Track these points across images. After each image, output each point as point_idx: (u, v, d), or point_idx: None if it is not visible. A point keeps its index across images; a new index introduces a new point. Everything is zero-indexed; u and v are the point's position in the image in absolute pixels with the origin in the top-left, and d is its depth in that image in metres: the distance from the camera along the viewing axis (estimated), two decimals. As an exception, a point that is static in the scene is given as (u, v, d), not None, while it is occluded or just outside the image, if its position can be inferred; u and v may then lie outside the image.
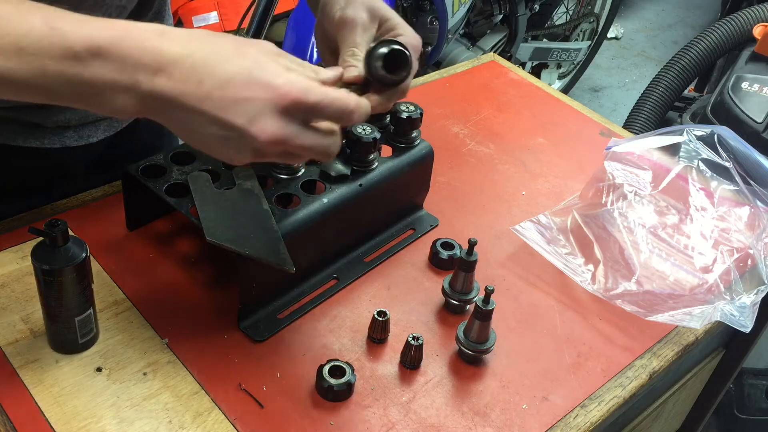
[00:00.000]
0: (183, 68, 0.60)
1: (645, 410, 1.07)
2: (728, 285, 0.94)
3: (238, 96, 0.60)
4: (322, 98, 0.63)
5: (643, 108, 2.16)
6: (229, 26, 2.36)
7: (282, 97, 0.61)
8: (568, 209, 1.03)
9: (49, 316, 0.77)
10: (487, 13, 2.82)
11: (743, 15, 2.10)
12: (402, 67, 0.75)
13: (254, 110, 0.60)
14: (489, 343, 0.84)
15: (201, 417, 0.76)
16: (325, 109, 0.64)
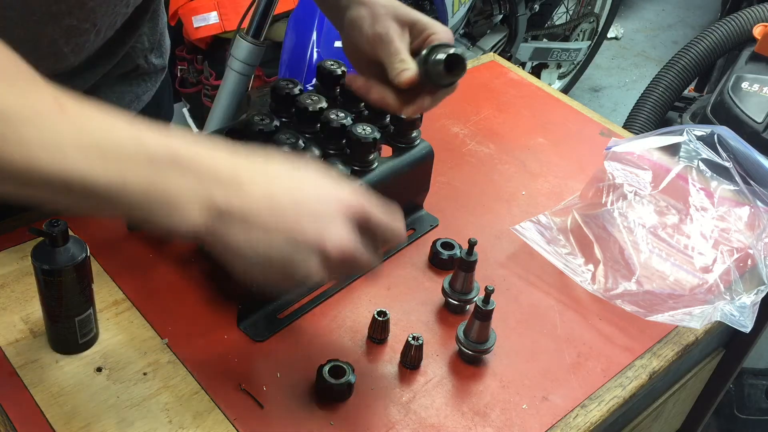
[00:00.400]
0: (256, 185, 0.60)
1: (645, 410, 1.07)
2: (728, 285, 0.94)
3: (308, 208, 0.62)
4: (380, 215, 0.67)
5: (643, 108, 2.16)
6: (229, 26, 2.36)
7: (349, 208, 0.64)
8: (568, 209, 1.03)
9: (49, 316, 0.77)
10: (487, 13, 2.82)
11: (743, 15, 2.10)
12: (459, 69, 0.81)
13: (324, 221, 0.62)
14: (489, 343, 0.84)
15: (201, 417, 0.76)
16: (379, 227, 0.67)
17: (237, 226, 0.59)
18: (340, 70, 0.97)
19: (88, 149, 0.54)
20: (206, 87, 2.55)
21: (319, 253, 0.61)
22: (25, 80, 0.55)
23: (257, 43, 1.64)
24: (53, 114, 0.54)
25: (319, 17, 1.99)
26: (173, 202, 0.57)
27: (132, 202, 0.56)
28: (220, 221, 0.59)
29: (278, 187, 0.61)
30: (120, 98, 0.99)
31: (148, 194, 0.56)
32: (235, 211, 0.59)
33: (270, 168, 0.63)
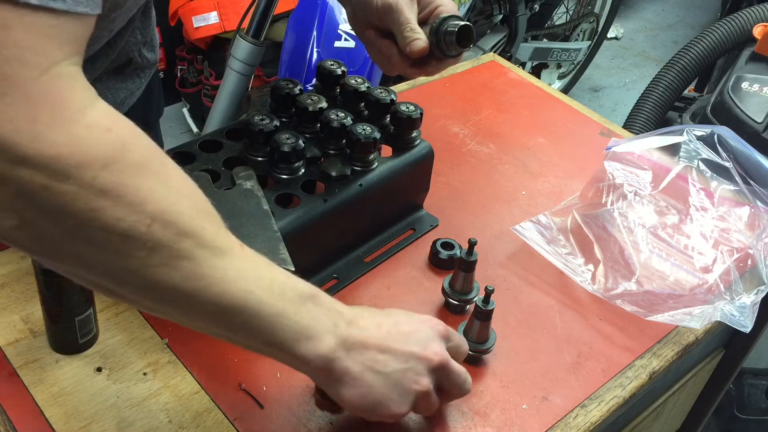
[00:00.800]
0: (365, 319, 0.70)
1: (645, 410, 1.07)
2: (728, 285, 0.94)
3: (409, 329, 0.71)
4: (458, 335, 0.77)
5: (643, 108, 2.16)
6: (229, 26, 2.36)
7: (437, 326, 0.74)
8: (568, 209, 1.03)
9: (49, 316, 0.77)
10: (487, 13, 2.82)
11: (743, 15, 2.10)
12: (468, 40, 0.86)
13: (424, 338, 0.71)
14: (489, 343, 0.84)
15: (201, 417, 0.76)
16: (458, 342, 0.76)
17: (356, 354, 0.67)
18: (340, 70, 0.97)
19: (263, 284, 0.62)
20: (206, 87, 2.56)
21: (425, 365, 0.70)
22: (220, 221, 0.62)
23: (257, 43, 1.64)
24: (240, 251, 0.62)
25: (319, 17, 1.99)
26: (313, 332, 0.65)
27: (285, 331, 0.63)
28: (343, 350, 0.66)
29: (382, 321, 0.71)
30: (115, 94, 0.99)
31: (298, 325, 0.64)
32: (355, 340, 0.67)
33: (370, 310, 0.72)
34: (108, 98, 0.98)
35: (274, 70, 2.29)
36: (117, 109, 0.97)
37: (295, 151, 0.85)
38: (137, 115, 1.10)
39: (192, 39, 2.46)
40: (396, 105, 0.94)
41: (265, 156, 0.88)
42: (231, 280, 0.60)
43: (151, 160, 0.56)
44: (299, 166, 0.87)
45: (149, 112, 1.15)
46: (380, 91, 0.95)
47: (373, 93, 0.95)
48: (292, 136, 0.86)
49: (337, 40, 1.99)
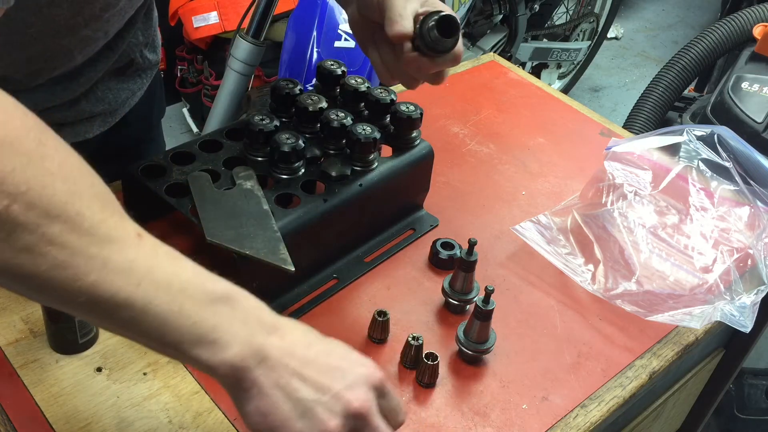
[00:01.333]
0: (294, 333, 0.64)
1: (645, 410, 1.07)
2: (728, 285, 0.94)
3: (339, 364, 0.65)
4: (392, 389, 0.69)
5: (643, 108, 2.16)
6: (229, 26, 2.36)
7: (373, 374, 0.67)
8: (568, 209, 1.03)
9: (49, 316, 0.77)
10: (487, 13, 2.82)
11: (743, 15, 2.10)
12: (452, 32, 0.81)
13: (352, 378, 0.65)
14: (489, 343, 0.84)
15: (201, 417, 0.76)
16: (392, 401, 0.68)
17: (271, 367, 0.62)
18: (340, 70, 0.97)
19: (158, 279, 0.57)
20: (206, 87, 2.56)
21: (342, 405, 0.64)
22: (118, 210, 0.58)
23: (257, 43, 1.64)
24: (135, 242, 0.57)
25: (319, 17, 1.99)
26: (219, 335, 0.60)
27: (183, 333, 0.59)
28: (255, 360, 0.61)
29: (313, 339, 0.66)
30: (116, 95, 0.99)
31: (199, 327, 0.59)
32: (273, 351, 0.62)
33: (306, 328, 0.67)
34: (109, 98, 0.98)
35: (274, 70, 2.29)
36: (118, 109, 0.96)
37: (295, 151, 0.85)
38: (140, 115, 1.10)
39: (192, 39, 2.46)
40: (396, 105, 0.94)
41: (265, 156, 0.88)
42: (112, 272, 0.55)
43: (21, 139, 0.53)
44: (299, 166, 0.87)
45: (151, 112, 1.15)
46: (380, 91, 0.95)
47: (373, 93, 0.95)
48: (292, 136, 0.86)
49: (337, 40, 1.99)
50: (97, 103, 0.97)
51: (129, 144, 1.09)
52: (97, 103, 0.97)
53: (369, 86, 0.96)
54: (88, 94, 0.95)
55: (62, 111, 0.92)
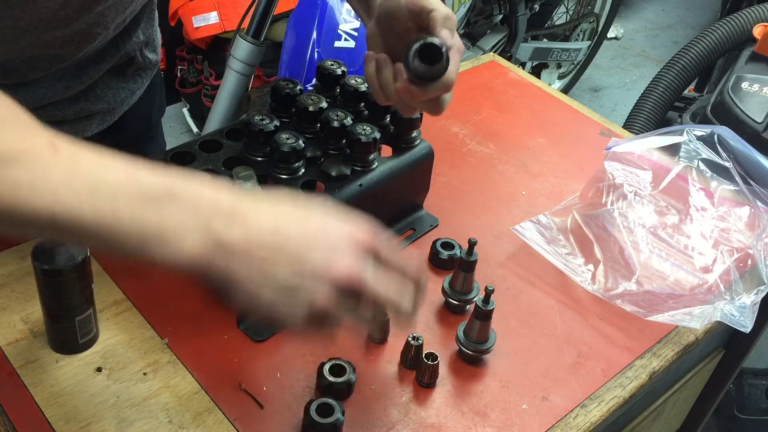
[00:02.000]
0: (260, 217, 0.59)
1: (645, 410, 1.07)
2: (728, 285, 0.94)
3: (315, 232, 0.60)
4: (391, 246, 0.64)
5: (643, 108, 2.16)
6: (229, 26, 2.36)
7: (359, 235, 0.61)
8: (568, 209, 1.03)
9: (49, 316, 0.77)
10: (487, 13, 2.82)
11: (743, 15, 2.10)
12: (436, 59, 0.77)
13: (332, 249, 0.60)
14: (489, 343, 0.84)
15: (201, 417, 0.76)
16: (392, 260, 0.63)
17: (239, 259, 0.58)
18: (340, 70, 0.97)
19: (79, 187, 0.54)
20: (206, 87, 2.55)
21: (326, 281, 0.59)
22: (22, 125, 0.56)
23: (257, 43, 1.64)
24: (46, 155, 0.54)
25: (319, 17, 1.99)
26: (168, 234, 0.56)
27: (125, 237, 0.56)
28: (220, 253, 0.57)
29: (284, 219, 0.60)
30: (116, 94, 0.99)
31: (141, 228, 0.56)
32: (236, 242, 0.58)
33: (275, 202, 0.61)
34: (108, 97, 0.98)
35: (274, 70, 2.29)
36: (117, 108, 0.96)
37: (295, 151, 0.85)
38: (139, 114, 1.09)
39: (192, 39, 2.46)
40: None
41: (265, 156, 0.88)
42: (25, 191, 0.53)
43: None
44: (299, 166, 0.87)
45: (151, 112, 1.15)
46: (380, 91, 0.95)
47: (373, 93, 0.95)
48: (292, 136, 0.86)
49: (337, 40, 1.99)
50: (96, 101, 0.97)
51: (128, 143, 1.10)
52: (97, 102, 0.97)
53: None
54: (87, 92, 0.95)
55: (62, 108, 0.93)
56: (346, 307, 0.61)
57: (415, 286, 0.64)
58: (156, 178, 0.57)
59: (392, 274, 0.63)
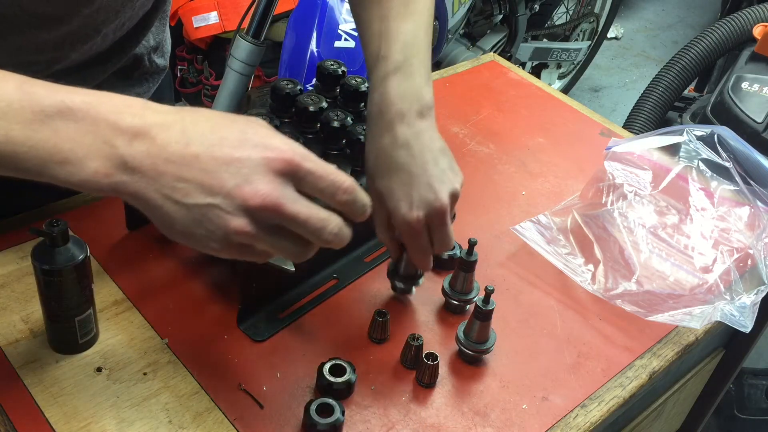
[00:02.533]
0: (168, 132, 0.56)
1: (645, 410, 1.07)
2: (728, 285, 0.94)
3: (229, 156, 0.56)
4: (318, 167, 0.60)
5: (643, 108, 2.16)
6: (229, 26, 2.36)
7: (276, 158, 0.58)
8: (568, 209, 1.03)
9: (49, 316, 0.77)
10: (487, 13, 2.82)
11: (743, 15, 2.10)
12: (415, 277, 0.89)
13: (246, 170, 0.56)
14: (489, 343, 0.84)
15: (201, 417, 0.76)
16: (319, 180, 0.60)
17: (146, 176, 0.55)
18: (340, 70, 0.97)
19: None
20: (206, 87, 2.55)
21: (238, 202, 0.56)
22: None
23: (257, 43, 1.64)
24: None
25: (319, 17, 1.99)
26: (66, 155, 0.54)
27: (24, 160, 0.53)
28: (126, 173, 0.55)
29: (195, 134, 0.56)
30: None
31: (37, 151, 0.53)
32: (141, 158, 0.55)
33: (189, 116, 0.58)
34: None
35: (274, 70, 2.29)
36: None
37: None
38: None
39: (192, 39, 2.46)
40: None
41: (265, 156, 0.88)
42: None
43: None
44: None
45: None
46: (380, 91, 0.95)
47: (373, 93, 0.95)
48: (292, 136, 0.86)
49: (337, 40, 1.99)
50: None
51: None
52: None
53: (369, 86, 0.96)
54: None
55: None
56: (267, 233, 0.58)
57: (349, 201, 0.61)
58: (50, 94, 0.54)
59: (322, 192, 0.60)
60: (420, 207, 0.76)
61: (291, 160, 0.58)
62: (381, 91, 0.78)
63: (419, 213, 0.76)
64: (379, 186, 0.78)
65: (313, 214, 0.59)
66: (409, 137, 0.77)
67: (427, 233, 0.79)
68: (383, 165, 0.78)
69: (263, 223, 0.58)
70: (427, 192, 0.77)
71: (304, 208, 0.59)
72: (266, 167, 0.57)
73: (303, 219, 0.59)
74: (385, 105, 0.78)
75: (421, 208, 0.76)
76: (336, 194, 0.60)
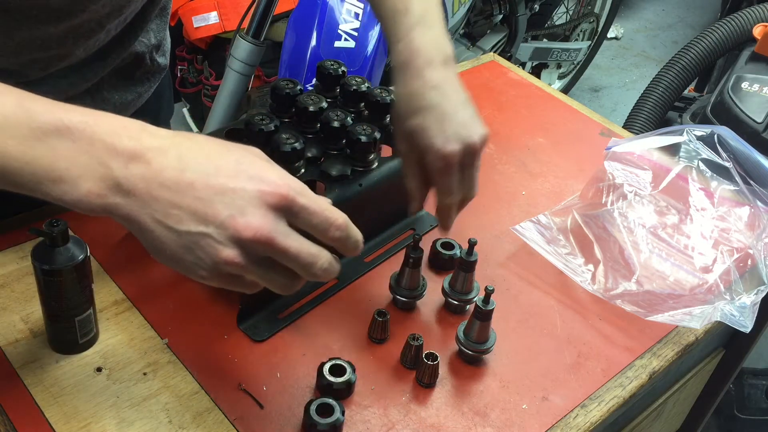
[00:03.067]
0: (164, 157, 0.56)
1: (645, 410, 1.07)
2: (728, 285, 0.94)
3: (224, 187, 0.57)
4: (311, 203, 0.60)
5: (643, 108, 2.16)
6: (229, 26, 2.36)
7: (271, 192, 0.58)
8: (568, 209, 1.03)
9: (49, 316, 0.77)
10: (487, 13, 2.82)
11: (743, 15, 2.10)
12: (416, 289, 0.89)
13: (240, 202, 0.56)
14: (489, 343, 0.84)
15: (201, 417, 0.76)
16: (313, 216, 0.60)
17: (139, 200, 0.55)
18: (340, 70, 0.97)
19: None
20: (206, 87, 2.56)
21: (230, 233, 0.56)
22: None
23: (257, 43, 1.64)
24: None
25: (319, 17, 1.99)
26: (60, 173, 0.54)
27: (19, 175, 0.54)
28: (119, 195, 0.55)
29: (191, 161, 0.57)
30: (122, 96, 0.99)
31: (33, 166, 0.53)
32: (136, 182, 0.55)
33: (186, 142, 0.58)
34: (114, 99, 0.98)
35: (274, 70, 2.29)
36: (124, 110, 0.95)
37: (295, 151, 0.85)
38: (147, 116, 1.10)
39: (192, 39, 2.46)
40: (396, 105, 0.94)
41: (265, 156, 0.88)
42: None
43: None
44: (299, 166, 0.87)
45: (160, 112, 1.15)
46: (380, 91, 0.95)
47: (373, 93, 0.95)
48: (292, 136, 0.86)
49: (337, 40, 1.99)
50: (102, 103, 0.97)
51: None
52: (103, 104, 0.97)
53: (369, 86, 0.96)
54: (93, 93, 0.95)
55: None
56: (257, 265, 0.59)
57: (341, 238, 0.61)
58: (49, 111, 0.55)
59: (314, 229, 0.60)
60: (455, 141, 0.79)
61: (286, 195, 0.58)
62: (406, 42, 0.82)
63: (455, 146, 0.78)
64: (411, 124, 0.81)
65: (304, 249, 0.59)
66: (440, 80, 0.80)
67: (459, 172, 0.80)
68: (415, 104, 0.80)
69: (254, 255, 0.58)
70: (461, 129, 0.79)
71: (295, 243, 0.59)
72: (260, 200, 0.57)
73: (293, 254, 0.59)
74: (411, 54, 0.81)
75: (455, 143, 0.79)
76: (329, 231, 0.61)
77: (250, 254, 0.58)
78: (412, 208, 0.87)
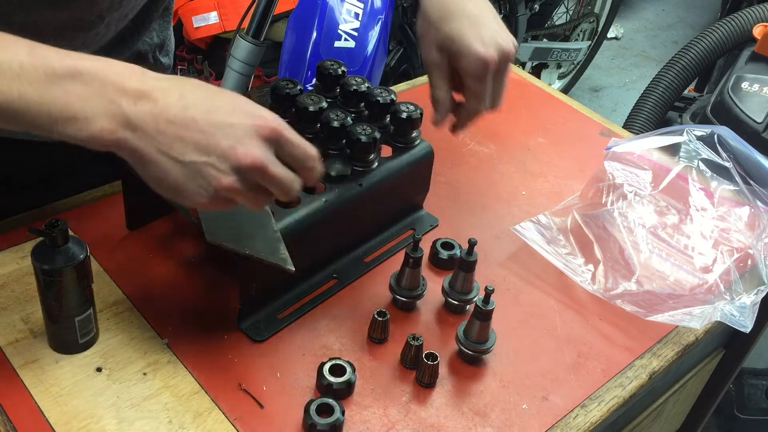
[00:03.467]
0: (168, 95, 0.62)
1: (645, 410, 1.07)
2: (728, 285, 0.94)
3: (223, 121, 0.63)
4: (295, 137, 0.68)
5: (643, 108, 2.16)
6: (229, 26, 2.36)
7: (264, 126, 0.65)
8: (568, 209, 1.03)
9: (49, 316, 0.77)
10: (487, 13, 2.82)
11: (743, 15, 2.10)
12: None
13: (239, 133, 0.63)
14: (489, 343, 0.84)
15: (201, 417, 0.76)
16: (295, 148, 0.68)
17: (147, 135, 0.61)
18: (340, 70, 0.97)
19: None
20: (206, 87, 2.55)
21: (231, 162, 0.63)
22: None
23: (257, 43, 1.64)
24: None
25: (319, 17, 1.99)
26: (75, 112, 0.59)
27: (35, 117, 0.58)
28: (129, 130, 0.60)
29: (192, 99, 0.63)
30: None
31: (48, 108, 0.58)
32: (144, 118, 0.60)
33: (185, 83, 0.64)
34: None
35: (274, 70, 2.29)
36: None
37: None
38: None
39: (192, 39, 2.46)
40: (396, 105, 0.94)
41: (265, 156, 0.88)
42: None
43: None
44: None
45: None
46: (380, 91, 0.95)
47: (373, 93, 0.95)
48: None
49: (337, 40, 1.99)
50: None
51: None
52: None
53: (369, 86, 0.96)
54: None
55: None
56: (248, 189, 0.65)
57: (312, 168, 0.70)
58: (62, 58, 0.60)
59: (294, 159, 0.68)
60: (492, 47, 0.84)
61: (276, 129, 0.66)
62: None
63: (492, 51, 0.84)
64: (447, 29, 0.85)
65: (287, 176, 0.67)
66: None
67: (491, 79, 0.86)
68: (451, 11, 0.86)
69: (248, 180, 0.65)
70: (496, 35, 0.85)
71: (281, 170, 0.67)
72: (255, 133, 0.64)
73: (279, 179, 0.67)
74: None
75: (493, 48, 0.84)
76: (306, 161, 0.69)
77: (244, 180, 0.65)
78: (436, 117, 0.91)
